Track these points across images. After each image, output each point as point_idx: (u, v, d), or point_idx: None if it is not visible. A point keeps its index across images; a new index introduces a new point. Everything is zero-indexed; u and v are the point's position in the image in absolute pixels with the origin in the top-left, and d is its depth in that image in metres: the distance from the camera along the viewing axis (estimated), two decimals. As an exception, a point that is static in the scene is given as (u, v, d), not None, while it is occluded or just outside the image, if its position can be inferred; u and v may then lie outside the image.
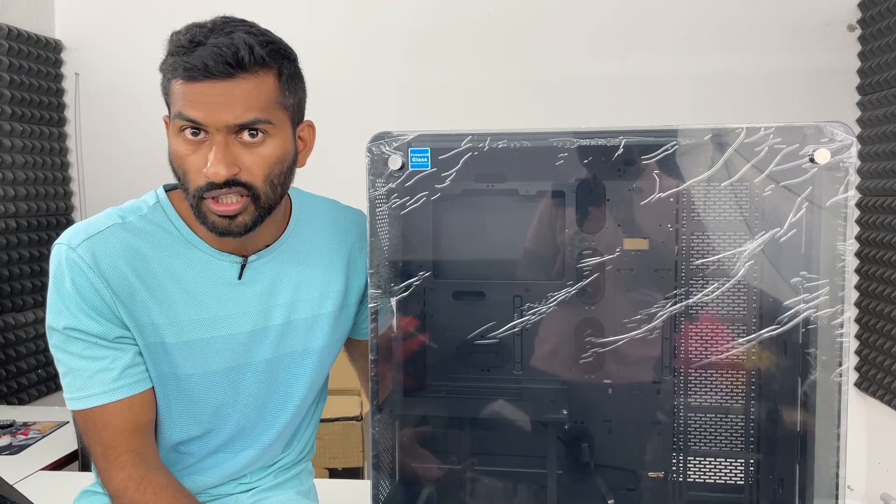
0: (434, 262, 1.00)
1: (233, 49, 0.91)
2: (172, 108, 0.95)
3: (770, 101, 2.41)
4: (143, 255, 0.99)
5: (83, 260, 0.96)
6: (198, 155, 0.94)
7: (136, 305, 0.98)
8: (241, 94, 0.92)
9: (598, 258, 0.96)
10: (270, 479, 1.16)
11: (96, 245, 0.97)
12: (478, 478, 1.02)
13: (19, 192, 2.41)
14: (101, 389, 0.97)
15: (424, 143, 0.96)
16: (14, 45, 2.40)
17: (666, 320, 0.95)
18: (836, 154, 0.86)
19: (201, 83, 0.91)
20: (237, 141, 0.94)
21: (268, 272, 1.06)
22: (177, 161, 0.96)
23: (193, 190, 0.95)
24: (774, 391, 0.95)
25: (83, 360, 0.97)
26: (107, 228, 0.99)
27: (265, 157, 0.96)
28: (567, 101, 2.50)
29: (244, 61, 0.91)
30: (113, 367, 0.97)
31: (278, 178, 0.98)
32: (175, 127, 0.94)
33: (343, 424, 2.27)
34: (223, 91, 0.91)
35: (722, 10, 2.43)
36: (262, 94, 0.94)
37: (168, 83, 0.95)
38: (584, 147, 0.94)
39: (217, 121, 0.92)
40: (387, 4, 2.55)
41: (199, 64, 0.90)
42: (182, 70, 0.91)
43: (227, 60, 0.90)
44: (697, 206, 0.94)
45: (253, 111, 0.93)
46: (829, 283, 0.88)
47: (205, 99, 0.91)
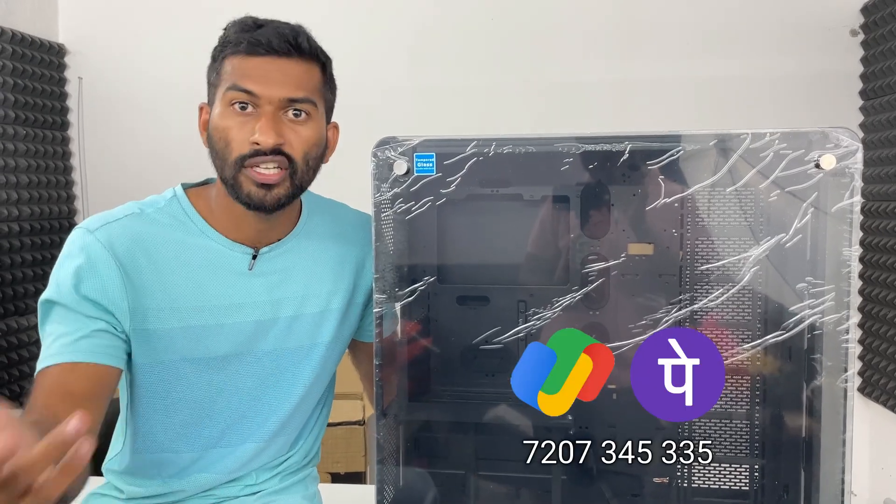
0: (439, 266, 1.00)
1: (294, 33, 1.02)
2: (223, 84, 1.02)
3: (773, 105, 2.41)
4: (156, 242, 1.04)
5: (98, 241, 1.01)
6: (244, 127, 1.00)
7: (143, 288, 1.02)
8: (295, 74, 1.02)
9: (602, 263, 0.96)
10: (276, 481, 1.17)
11: (113, 230, 1.03)
12: (482, 483, 1.02)
13: (22, 195, 2.42)
14: (54, 352, 0.97)
15: (429, 148, 0.96)
16: (17, 48, 2.40)
17: (671, 325, 0.94)
18: (841, 160, 0.86)
19: (261, 58, 1.00)
20: (283, 117, 1.02)
21: (278, 265, 1.10)
22: (219, 133, 1.01)
23: (235, 158, 1.00)
24: (779, 396, 0.95)
25: (57, 325, 0.99)
26: (125, 217, 1.05)
27: (306, 137, 1.03)
28: (570, 105, 2.50)
29: (302, 46, 1.02)
30: (75, 333, 0.98)
31: (313, 160, 1.06)
32: (225, 100, 1.01)
33: (345, 429, 2.27)
34: (279, 68, 1.01)
35: (725, 15, 2.43)
36: (311, 78, 1.04)
37: (221, 63, 1.02)
38: (588, 152, 0.94)
39: (271, 93, 1.00)
40: (390, 9, 2.55)
41: (264, 39, 1.00)
42: (246, 44, 1.00)
43: (289, 40, 1.01)
44: (702, 212, 0.94)
45: (303, 90, 1.02)
46: (834, 288, 0.88)
47: (262, 73, 1.00)
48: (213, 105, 1.04)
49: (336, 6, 2.56)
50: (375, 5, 2.56)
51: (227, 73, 1.01)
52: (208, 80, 1.06)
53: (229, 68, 1.01)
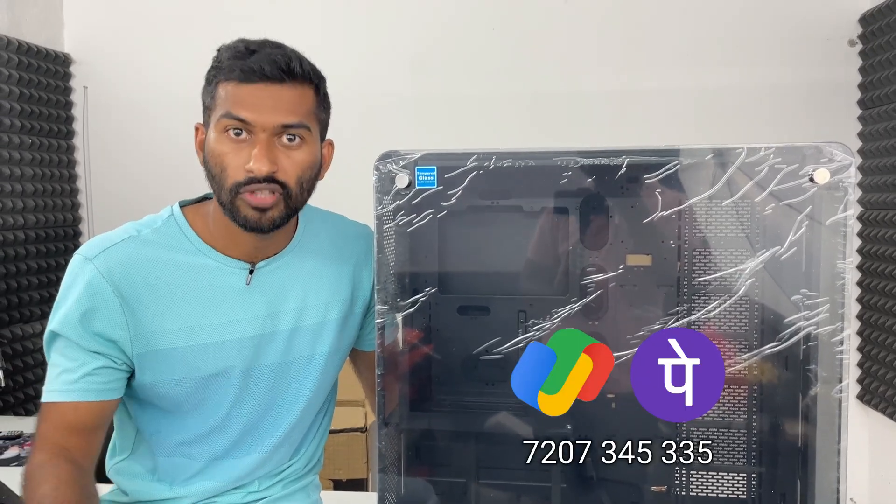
0: (440, 277, 1.02)
1: (286, 58, 1.01)
2: (217, 110, 1.03)
3: (771, 115, 2.42)
4: (154, 264, 1.05)
5: (97, 269, 1.02)
6: (238, 154, 1.01)
7: (145, 313, 1.03)
8: (288, 99, 1.02)
9: (601, 274, 0.97)
10: (279, 489, 1.18)
11: (111, 256, 1.04)
12: (483, 491, 1.03)
13: (27, 204, 2.44)
14: (59, 388, 1.02)
15: (431, 161, 0.97)
16: (23, 58, 2.42)
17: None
18: (835, 174, 0.87)
19: (254, 85, 1.00)
20: (277, 143, 1.02)
21: (275, 279, 1.11)
22: (215, 159, 1.03)
23: (231, 185, 1.02)
24: (776, 406, 0.96)
25: (60, 357, 1.03)
26: (122, 241, 1.06)
27: (300, 161, 1.04)
28: (570, 115, 2.52)
29: (294, 70, 1.02)
30: (77, 370, 1.02)
31: (307, 182, 1.07)
32: (219, 126, 1.02)
33: (347, 436, 2.28)
34: (272, 94, 1.01)
35: (724, 26, 2.45)
36: (304, 102, 1.04)
37: (215, 87, 1.03)
38: (587, 165, 0.96)
39: (264, 121, 1.00)
40: (391, 20, 2.57)
41: (257, 67, 1.00)
42: (239, 71, 1.00)
43: (281, 67, 1.01)
44: (700, 224, 0.95)
45: (296, 115, 1.02)
46: (829, 300, 0.89)
47: (255, 100, 1.00)
48: (208, 127, 1.05)
49: (337, 19, 2.57)
50: (376, 18, 2.57)
51: (220, 99, 1.02)
52: (203, 101, 1.07)
53: (223, 94, 1.02)
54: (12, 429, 1.98)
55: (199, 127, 1.09)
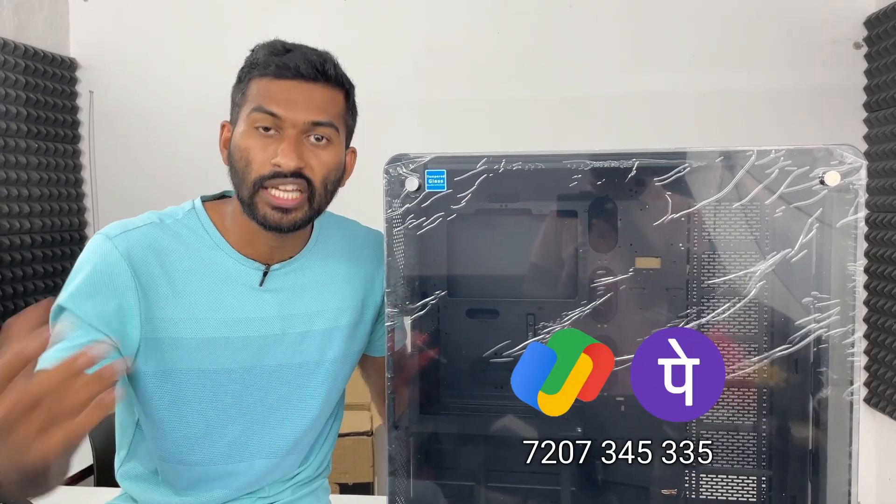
0: (449, 280, 1.02)
1: (321, 59, 1.04)
2: (247, 105, 1.04)
3: (777, 118, 2.42)
4: (171, 253, 1.06)
5: (116, 248, 1.03)
6: (265, 149, 1.02)
7: (157, 298, 1.04)
8: (320, 99, 1.04)
9: (610, 277, 0.97)
10: (288, 494, 1.18)
11: (131, 238, 1.05)
12: (492, 495, 1.03)
13: (34, 208, 2.44)
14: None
15: (440, 164, 0.98)
16: (30, 63, 2.43)
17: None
18: (845, 176, 0.88)
19: (289, 82, 1.02)
20: (305, 142, 1.03)
21: (288, 282, 1.11)
22: (241, 152, 1.03)
23: (255, 178, 1.02)
24: (786, 409, 0.96)
25: (64, 331, 0.98)
26: (144, 226, 1.07)
27: (326, 161, 1.05)
28: (576, 119, 2.52)
29: (328, 72, 1.04)
30: (74, 341, 0.97)
31: (332, 184, 1.08)
32: (249, 121, 1.03)
33: (353, 439, 2.28)
34: (304, 92, 1.03)
35: (729, 29, 2.45)
36: (335, 104, 1.06)
37: (247, 84, 1.04)
38: (596, 168, 0.96)
39: (295, 117, 1.02)
40: (396, 25, 2.58)
41: (292, 64, 1.02)
42: (275, 67, 1.02)
43: (317, 66, 1.03)
44: (709, 226, 0.95)
45: (327, 115, 1.04)
46: (840, 302, 0.89)
47: (287, 96, 1.02)
48: (235, 124, 1.06)
49: (343, 24, 2.58)
50: (382, 23, 2.58)
51: (252, 95, 1.03)
52: (233, 99, 1.08)
53: (255, 90, 1.03)
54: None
55: (225, 124, 1.09)
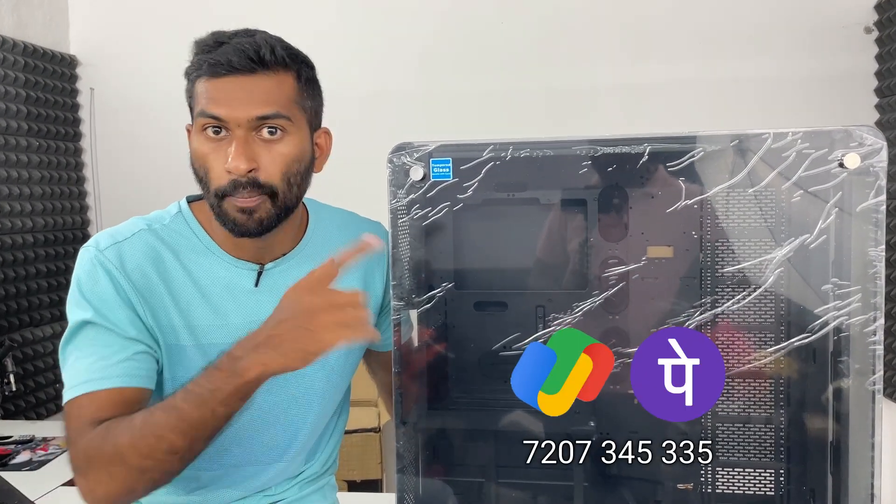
0: (456, 272, 0.99)
1: (255, 47, 0.96)
2: (196, 109, 0.98)
3: (788, 105, 2.39)
4: (164, 260, 1.02)
5: (109, 261, 0.99)
6: (218, 154, 0.97)
7: (158, 306, 1.01)
8: (262, 90, 0.97)
9: (622, 267, 0.95)
10: (295, 491, 1.16)
11: (123, 249, 1.01)
12: (502, 491, 1.01)
13: (35, 206, 2.43)
14: (93, 376, 0.94)
15: (446, 153, 0.95)
16: (29, 61, 2.41)
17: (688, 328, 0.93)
18: (865, 158, 0.85)
19: (224, 79, 0.96)
20: (257, 138, 0.97)
21: (284, 280, 1.07)
22: (198, 161, 0.99)
23: (215, 189, 0.98)
24: (805, 400, 0.93)
25: (91, 347, 0.96)
26: (132, 235, 1.03)
27: (283, 154, 0.99)
28: (582, 109, 2.49)
29: (265, 59, 0.96)
30: (114, 356, 0.95)
31: (295, 177, 1.01)
32: (197, 126, 0.98)
33: (361, 436, 2.27)
34: (244, 86, 0.96)
35: (738, 16, 2.42)
36: (281, 91, 0.98)
37: (192, 86, 0.99)
38: (606, 155, 0.93)
39: (238, 115, 0.95)
40: (399, 14, 2.55)
41: (224, 59, 0.95)
42: (206, 66, 0.96)
43: (250, 56, 0.95)
44: (722, 214, 0.92)
45: (272, 105, 0.97)
46: (861, 290, 0.87)
47: (227, 95, 0.96)
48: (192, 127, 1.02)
49: (344, 15, 2.56)
50: (384, 13, 2.56)
51: (197, 97, 0.98)
52: (187, 102, 1.03)
53: (198, 91, 0.98)
54: (24, 433, 1.97)
55: (189, 128, 1.04)
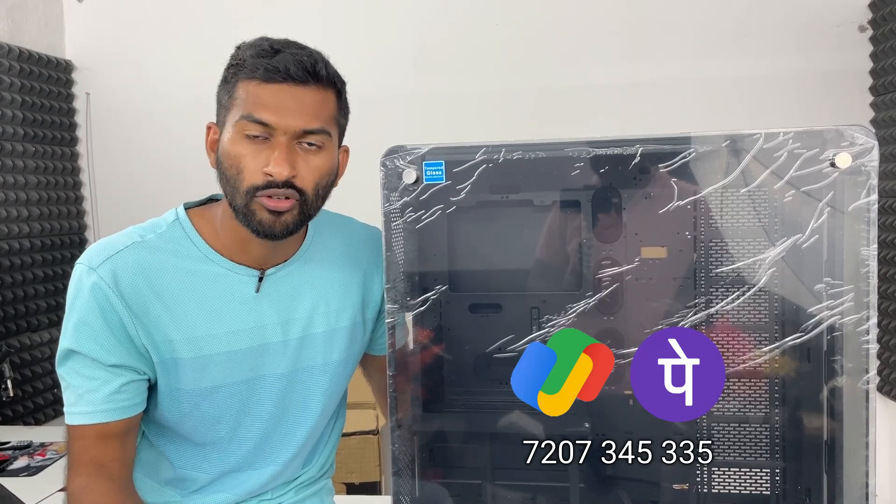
0: (450, 275, 1.00)
1: (312, 60, 0.98)
2: (235, 110, 0.98)
3: (782, 103, 2.39)
4: (160, 272, 1.01)
5: (103, 280, 0.98)
6: (257, 156, 0.97)
7: (152, 323, 1.00)
8: (311, 103, 0.98)
9: (616, 268, 0.95)
10: (291, 495, 1.16)
11: (116, 264, 0.99)
12: (499, 492, 1.01)
13: (32, 212, 2.42)
14: (84, 409, 0.99)
15: (438, 155, 0.95)
16: (25, 66, 2.41)
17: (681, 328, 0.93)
18: (857, 157, 0.85)
19: (278, 85, 0.96)
20: (297, 147, 0.98)
21: (285, 285, 1.08)
22: (231, 160, 0.98)
23: (247, 188, 0.97)
24: (799, 399, 0.93)
25: (78, 377, 1.00)
26: (125, 248, 1.01)
27: (318, 167, 1.00)
28: (577, 109, 2.49)
29: (319, 73, 0.98)
30: (100, 389, 0.99)
31: (324, 189, 1.03)
32: (238, 128, 0.97)
33: (359, 439, 2.26)
34: (295, 96, 0.97)
35: (732, 14, 2.42)
36: (326, 107, 1.00)
37: (234, 86, 0.98)
38: (599, 156, 0.93)
39: (286, 124, 0.96)
40: (393, 16, 2.55)
41: (282, 67, 0.95)
42: (263, 70, 0.96)
43: (307, 68, 0.97)
44: (716, 214, 0.92)
45: (319, 120, 0.99)
46: (853, 288, 0.87)
47: (277, 102, 0.96)
48: (222, 126, 1.00)
49: (339, 17, 2.56)
50: (379, 15, 2.55)
51: (240, 99, 0.97)
52: (219, 100, 1.02)
53: (243, 94, 0.97)
54: (22, 438, 1.97)
55: (211, 126, 1.04)
